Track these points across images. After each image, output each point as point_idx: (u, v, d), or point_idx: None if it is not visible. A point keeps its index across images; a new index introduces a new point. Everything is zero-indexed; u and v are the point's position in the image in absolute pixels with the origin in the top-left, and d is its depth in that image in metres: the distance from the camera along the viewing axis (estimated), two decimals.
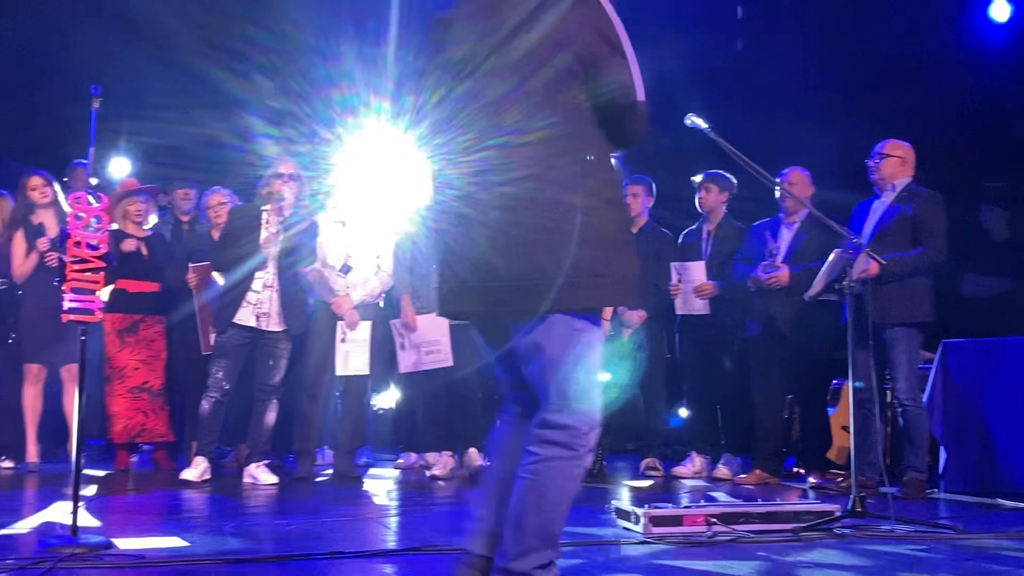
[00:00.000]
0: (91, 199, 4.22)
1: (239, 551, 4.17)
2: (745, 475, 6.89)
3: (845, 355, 5.41)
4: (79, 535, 4.00)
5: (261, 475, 6.46)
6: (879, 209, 6.38)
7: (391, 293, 7.09)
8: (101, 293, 6.92)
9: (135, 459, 7.49)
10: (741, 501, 5.20)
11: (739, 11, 10.15)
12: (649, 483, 6.87)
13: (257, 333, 6.53)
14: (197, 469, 6.39)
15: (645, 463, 7.31)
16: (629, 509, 4.69)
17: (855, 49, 9.25)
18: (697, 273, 7.10)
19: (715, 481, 6.98)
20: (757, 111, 9.16)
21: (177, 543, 4.27)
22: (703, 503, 4.94)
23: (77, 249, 4.17)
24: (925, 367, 6.58)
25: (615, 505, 4.91)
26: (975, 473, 6.24)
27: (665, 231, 7.45)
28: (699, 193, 7.32)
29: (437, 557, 4.07)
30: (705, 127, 4.93)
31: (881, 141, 6.47)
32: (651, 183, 7.44)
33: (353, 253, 6.86)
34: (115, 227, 7.23)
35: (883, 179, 6.41)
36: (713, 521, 4.53)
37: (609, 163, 2.82)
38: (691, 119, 4.96)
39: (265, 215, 6.63)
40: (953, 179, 7.56)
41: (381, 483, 6.84)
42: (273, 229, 6.56)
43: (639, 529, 4.54)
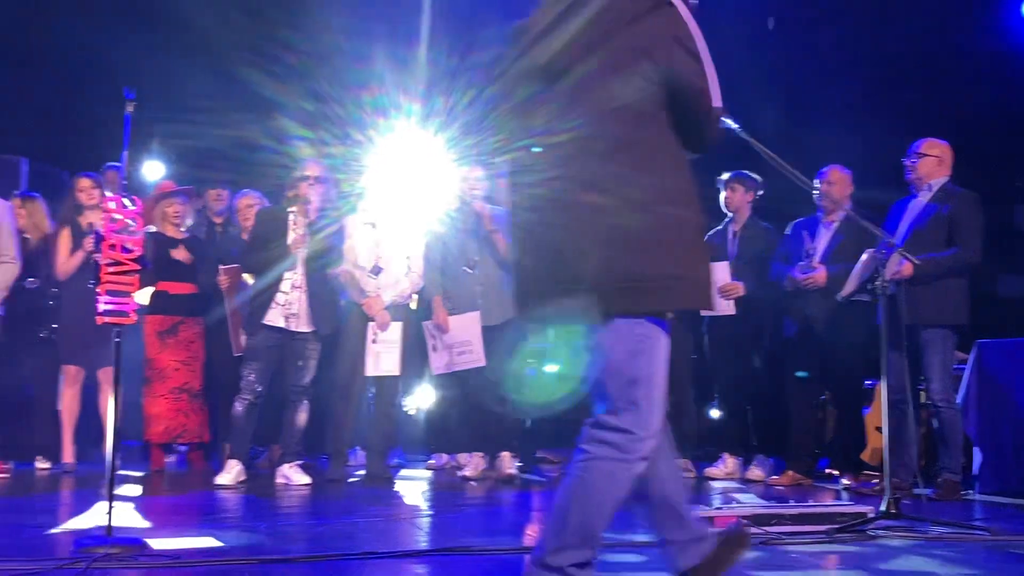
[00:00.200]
0: (126, 202, 4.26)
1: (272, 551, 4.20)
2: (778, 476, 6.85)
3: (879, 356, 5.37)
4: (114, 535, 4.04)
5: (294, 475, 6.50)
6: (915, 209, 6.33)
7: (422, 294, 7.10)
8: (142, 295, 7.04)
9: (170, 459, 7.54)
10: (773, 502, 5.17)
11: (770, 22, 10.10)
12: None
13: (287, 334, 6.56)
14: (231, 473, 6.42)
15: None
16: None
17: (887, 46, 9.18)
18: (721, 273, 7.05)
19: (747, 482, 6.95)
20: (787, 109, 9.11)
21: (211, 543, 4.30)
22: (735, 504, 4.92)
23: (112, 252, 4.21)
24: (959, 367, 6.52)
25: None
26: (1010, 474, 6.18)
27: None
28: (725, 193, 7.29)
29: (469, 558, 4.08)
30: (734, 127, 4.90)
31: (918, 140, 6.41)
32: None
33: (384, 254, 6.88)
34: (153, 229, 7.30)
35: (919, 178, 6.35)
36: (745, 522, 4.51)
37: (684, 168, 2.85)
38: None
39: (292, 217, 6.66)
40: (987, 179, 7.48)
41: (413, 484, 6.86)
42: (300, 231, 6.59)
43: None
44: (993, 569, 3.99)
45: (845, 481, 6.67)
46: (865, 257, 5.70)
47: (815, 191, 6.08)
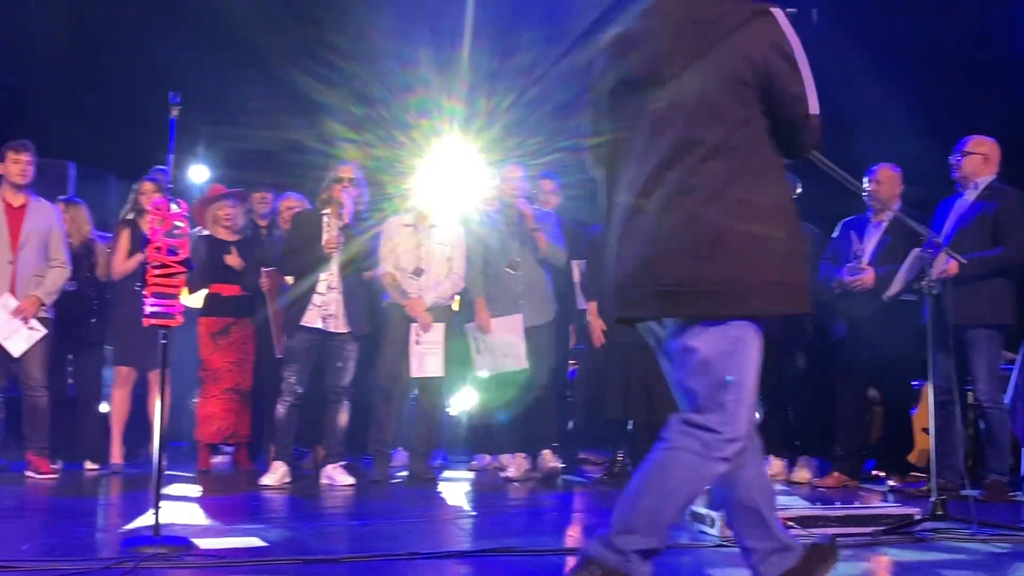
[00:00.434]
0: (172, 204, 4.30)
1: (316, 551, 4.22)
2: (823, 478, 6.79)
3: (926, 356, 5.32)
4: (161, 535, 4.08)
5: (338, 476, 6.53)
6: (960, 207, 6.25)
7: (464, 296, 7.11)
8: (196, 298, 7.12)
9: (217, 460, 7.61)
10: (819, 504, 5.13)
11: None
12: None
13: (324, 335, 6.59)
14: (276, 474, 6.46)
15: None
16: (704, 512, 4.65)
17: (936, 41, 9.08)
18: None
19: (793, 484, 6.89)
20: (833, 105, 9.02)
21: (256, 543, 4.33)
22: (780, 506, 4.88)
23: (157, 254, 4.25)
24: (1007, 367, 6.43)
25: (690, 508, 4.87)
26: None
27: None
28: None
29: (511, 559, 4.08)
30: None
31: (964, 138, 6.34)
32: None
33: (425, 256, 6.90)
34: (206, 233, 7.37)
35: (965, 177, 6.28)
36: (790, 524, 4.47)
37: (780, 173, 2.90)
38: None
39: (326, 219, 6.69)
40: None
41: (455, 485, 6.88)
42: (334, 232, 6.62)
43: (715, 532, 4.50)
44: None
45: (891, 483, 6.61)
46: (912, 256, 5.64)
47: (864, 192, 6.03)
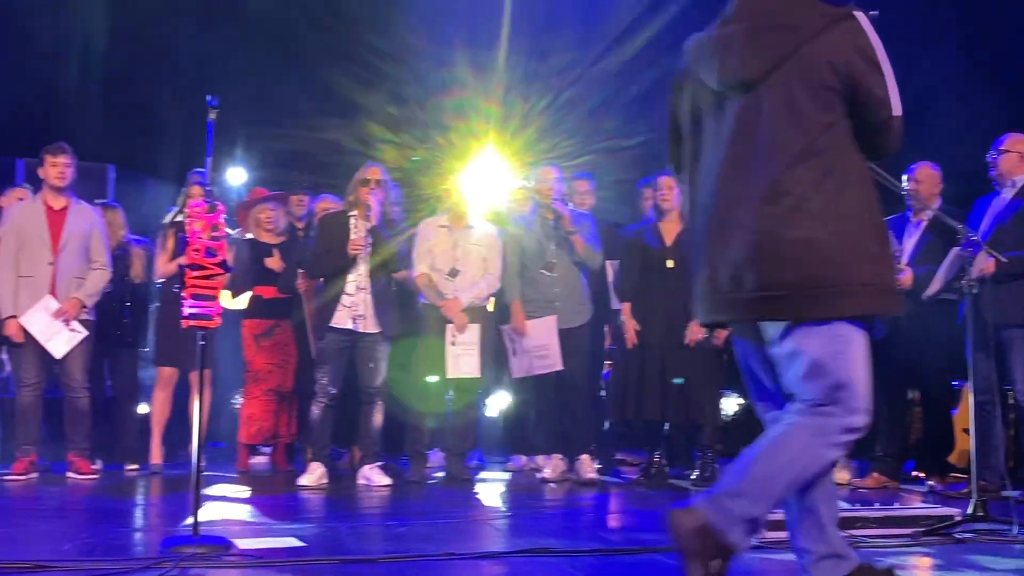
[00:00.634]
0: (210, 207, 4.34)
1: (354, 551, 4.24)
2: (863, 479, 6.74)
3: (965, 356, 5.26)
4: (200, 535, 4.11)
5: (375, 476, 6.55)
6: (998, 205, 6.18)
7: (499, 297, 7.11)
8: (240, 300, 7.17)
9: (255, 461, 7.66)
10: (858, 505, 5.08)
11: None
12: None
13: (355, 336, 6.61)
14: (314, 475, 6.49)
15: None
16: None
17: (977, 40, 8.99)
18: None
19: (838, 485, 6.83)
20: None
21: (294, 543, 4.35)
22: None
23: (196, 256, 4.29)
24: None
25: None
26: None
27: None
28: None
29: (548, 559, 4.08)
30: None
31: (1001, 135, 6.27)
32: None
33: (460, 257, 6.91)
34: (249, 236, 7.42)
35: (1002, 175, 6.22)
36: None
37: (865, 175, 2.92)
38: None
39: (353, 220, 6.71)
40: None
41: (492, 486, 6.88)
42: (361, 233, 6.64)
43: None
44: None
45: (931, 484, 6.54)
46: (951, 255, 5.58)
47: (903, 191, 5.97)
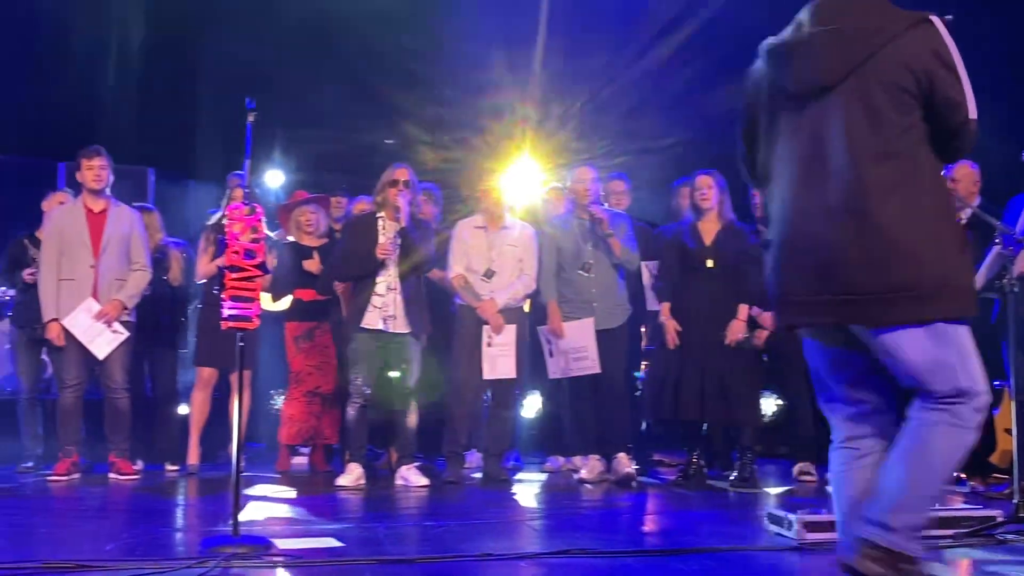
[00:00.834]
0: (249, 209, 4.36)
1: (391, 552, 4.26)
2: None
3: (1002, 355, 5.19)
4: (240, 535, 4.14)
5: (412, 477, 6.56)
6: None
7: (536, 298, 7.10)
8: (282, 303, 7.21)
9: (295, 461, 7.70)
10: None
11: None
12: (802, 488, 6.73)
13: (386, 336, 6.63)
14: (352, 475, 6.51)
15: (798, 468, 7.14)
16: (782, 515, 4.60)
17: (1012, 37, 8.88)
18: None
19: None
20: None
21: (333, 543, 4.37)
22: None
23: (234, 258, 4.31)
24: None
25: (768, 511, 4.82)
26: None
27: None
28: None
29: (586, 560, 4.07)
30: None
31: None
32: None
33: (496, 258, 6.91)
34: (291, 239, 7.46)
35: None
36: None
37: (941, 178, 2.98)
38: None
39: (380, 222, 6.73)
40: None
41: (529, 487, 6.88)
42: (390, 235, 6.66)
43: (793, 535, 4.44)
44: None
45: (973, 484, 6.47)
46: (993, 254, 5.51)
47: None
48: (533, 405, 8.50)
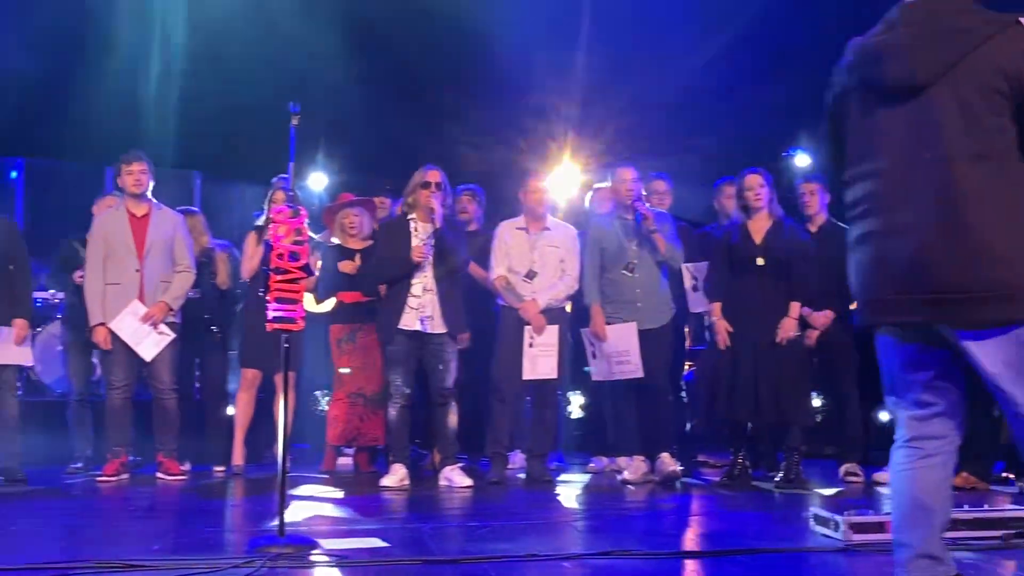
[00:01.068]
0: (293, 212, 4.40)
1: (436, 552, 4.27)
2: (952, 478, 6.57)
3: None
4: (286, 535, 4.17)
5: (456, 477, 6.58)
6: None
7: (579, 299, 7.09)
8: (326, 305, 7.25)
9: (339, 462, 7.74)
10: None
11: None
12: (848, 489, 6.67)
13: (424, 337, 6.65)
14: (396, 476, 6.54)
15: (844, 468, 7.08)
16: (828, 516, 4.57)
17: None
18: None
19: None
20: None
21: (378, 544, 4.39)
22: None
23: (279, 260, 4.35)
24: None
25: (814, 512, 4.79)
26: None
27: (847, 228, 7.19)
28: None
29: (629, 561, 4.07)
30: None
31: None
32: (825, 180, 7.24)
33: (538, 258, 6.91)
34: (336, 242, 7.51)
35: None
36: None
37: None
38: None
39: (412, 224, 6.75)
40: None
41: (572, 487, 6.87)
42: (423, 236, 6.68)
43: (839, 536, 4.41)
44: None
45: (1021, 485, 6.39)
46: None
47: None
48: (576, 405, 8.49)
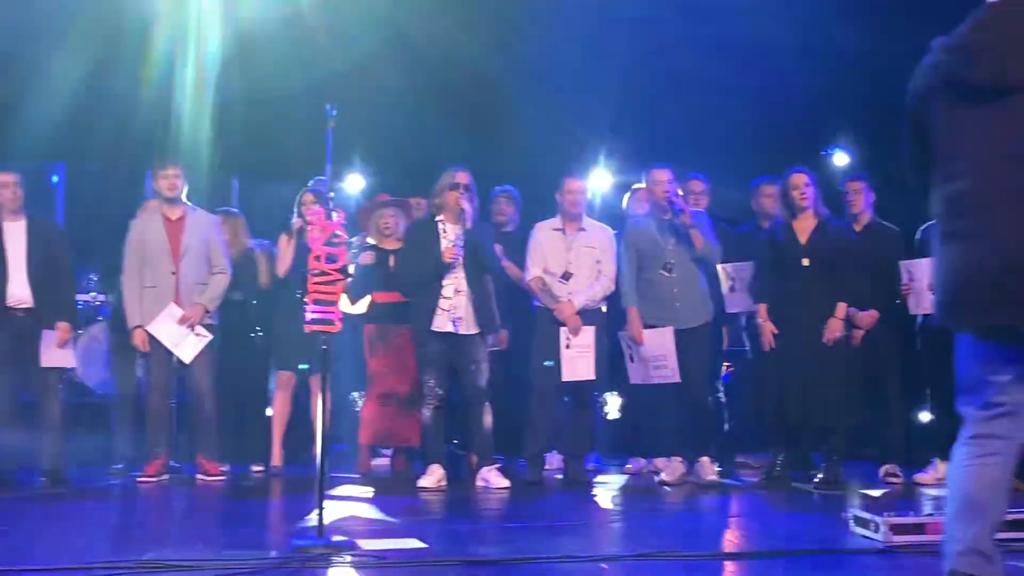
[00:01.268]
0: (331, 214, 4.42)
1: (473, 553, 4.28)
2: None
3: None
4: (326, 535, 4.20)
5: (493, 478, 6.59)
6: None
7: (617, 302, 7.06)
8: (360, 306, 7.29)
9: (376, 463, 7.77)
10: None
11: None
12: (888, 491, 6.62)
13: (456, 338, 6.67)
14: (433, 476, 6.56)
15: (884, 469, 7.02)
16: (869, 517, 4.53)
17: None
18: (929, 270, 6.75)
19: None
20: None
21: (416, 544, 4.41)
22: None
23: (317, 263, 4.38)
24: None
25: (854, 513, 4.75)
26: None
27: (892, 227, 7.15)
28: None
29: (667, 563, 4.06)
30: None
31: None
32: (872, 179, 7.19)
33: (574, 259, 6.91)
34: (371, 242, 7.54)
35: None
36: None
37: None
38: None
39: (440, 225, 6.77)
40: None
41: (610, 488, 6.85)
42: (452, 237, 6.69)
43: (879, 537, 4.38)
44: None
45: None
46: None
47: None
48: (613, 406, 8.47)
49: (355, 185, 10.16)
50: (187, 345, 6.92)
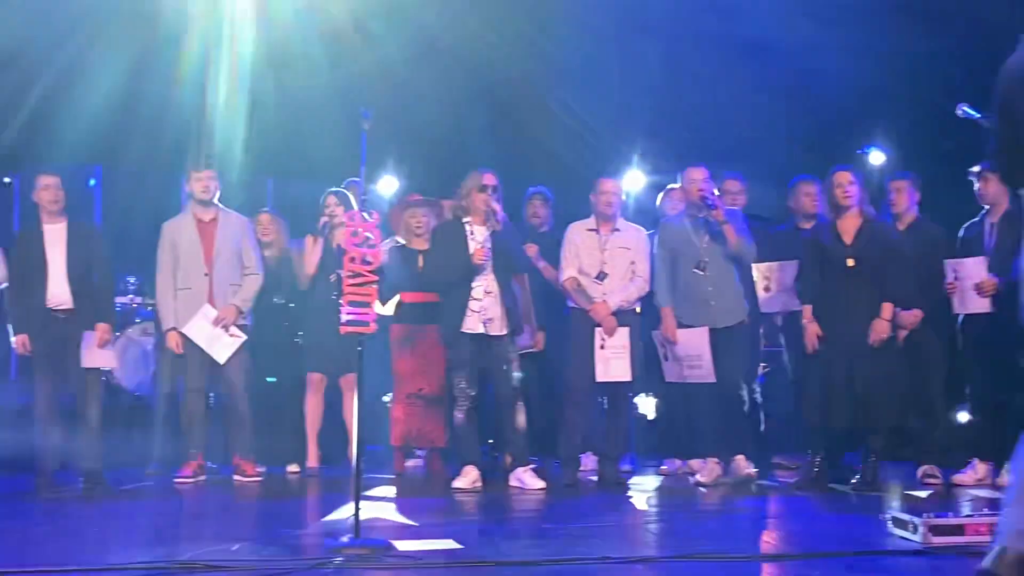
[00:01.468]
0: (365, 215, 4.44)
1: (509, 554, 4.27)
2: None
3: None
4: (361, 536, 4.21)
5: (528, 479, 6.58)
6: None
7: (652, 302, 7.03)
8: (388, 306, 7.31)
9: (411, 464, 7.79)
10: None
11: None
12: (927, 492, 6.56)
13: (486, 339, 6.67)
14: (468, 477, 6.57)
15: (923, 470, 6.95)
16: (907, 518, 4.49)
17: None
18: (974, 269, 6.68)
19: (1000, 489, 6.56)
20: None
21: (451, 545, 4.41)
22: (987, 512, 4.67)
23: (352, 264, 4.39)
24: None
25: (892, 514, 4.71)
26: None
27: (936, 226, 7.08)
28: (978, 185, 6.89)
29: (703, 564, 4.04)
30: (978, 116, 4.68)
31: None
32: (916, 178, 7.11)
33: (608, 260, 6.89)
34: (401, 242, 7.56)
35: None
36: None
37: None
38: (963, 109, 4.72)
39: (468, 227, 6.77)
40: None
41: (645, 490, 6.83)
42: (480, 239, 6.69)
43: (918, 539, 4.34)
44: None
45: None
46: None
47: None
48: (649, 407, 8.44)
49: (388, 187, 10.18)
50: (221, 346, 6.97)
